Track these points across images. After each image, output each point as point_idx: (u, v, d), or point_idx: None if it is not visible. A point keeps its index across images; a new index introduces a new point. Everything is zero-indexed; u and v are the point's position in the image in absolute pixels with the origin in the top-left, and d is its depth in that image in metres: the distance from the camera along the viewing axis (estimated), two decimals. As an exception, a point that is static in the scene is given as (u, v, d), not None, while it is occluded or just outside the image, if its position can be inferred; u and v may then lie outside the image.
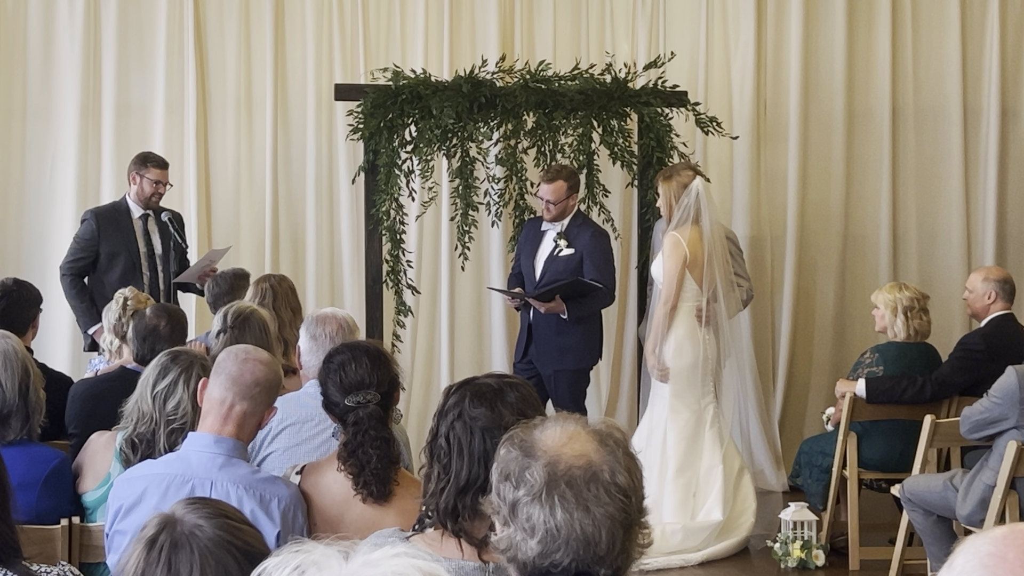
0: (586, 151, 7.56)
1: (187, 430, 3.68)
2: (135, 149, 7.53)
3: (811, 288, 8.76)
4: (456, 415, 2.67)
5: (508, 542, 2.08)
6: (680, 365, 6.70)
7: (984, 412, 5.51)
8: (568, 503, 2.03)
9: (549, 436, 2.10)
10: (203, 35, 8.22)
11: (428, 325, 8.42)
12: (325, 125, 8.34)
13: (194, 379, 3.96)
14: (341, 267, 8.36)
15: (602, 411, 8.32)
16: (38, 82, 8.10)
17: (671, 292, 6.67)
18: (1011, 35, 8.81)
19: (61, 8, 8.07)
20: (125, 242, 7.10)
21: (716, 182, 7.65)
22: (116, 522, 3.45)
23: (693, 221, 6.65)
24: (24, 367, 4.02)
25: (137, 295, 5.57)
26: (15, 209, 8.10)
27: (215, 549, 2.05)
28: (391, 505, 3.46)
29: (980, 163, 8.80)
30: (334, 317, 4.56)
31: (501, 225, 7.96)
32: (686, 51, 8.42)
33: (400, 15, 8.42)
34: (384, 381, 3.54)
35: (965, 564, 1.44)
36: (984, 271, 6.75)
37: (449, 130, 7.36)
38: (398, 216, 7.46)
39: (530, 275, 7.17)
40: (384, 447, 3.46)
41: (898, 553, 6.14)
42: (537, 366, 7.11)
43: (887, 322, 6.59)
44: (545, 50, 8.31)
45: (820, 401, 8.48)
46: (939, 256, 8.82)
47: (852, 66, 8.69)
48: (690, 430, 6.70)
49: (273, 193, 8.25)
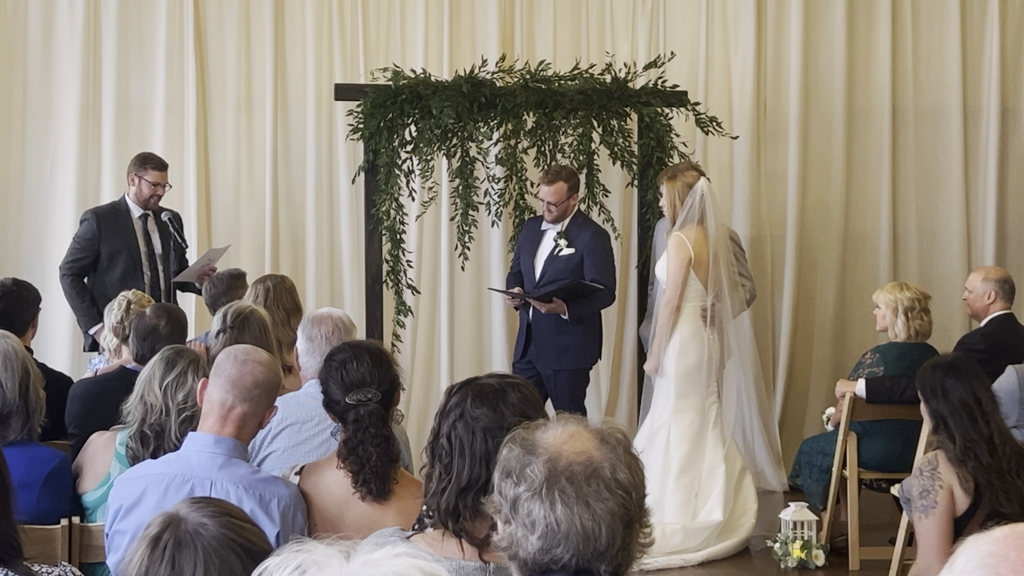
0: (586, 151, 7.56)
1: (197, 419, 3.67)
2: (135, 149, 7.53)
3: (811, 288, 8.76)
4: (458, 415, 2.67)
5: (509, 539, 2.09)
6: (685, 365, 6.69)
7: (984, 412, 5.51)
8: (568, 498, 2.04)
9: (550, 435, 2.11)
10: (203, 35, 8.22)
11: (428, 325, 8.42)
12: (325, 125, 8.34)
13: (200, 371, 3.98)
14: (341, 267, 8.36)
15: (602, 411, 8.32)
16: (38, 82, 8.10)
17: (674, 293, 6.67)
18: (1011, 35, 8.81)
19: (61, 8, 8.07)
20: (125, 242, 7.10)
21: (716, 182, 7.65)
22: (116, 522, 3.45)
23: (698, 222, 6.65)
24: (24, 367, 4.02)
25: (140, 298, 5.56)
26: (15, 209, 8.10)
27: (219, 548, 2.05)
28: (391, 505, 3.46)
29: (980, 163, 8.80)
30: (330, 317, 4.56)
31: (501, 225, 7.96)
32: (686, 51, 8.42)
33: (400, 15, 8.42)
34: (385, 380, 3.55)
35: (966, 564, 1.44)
36: (984, 271, 6.75)
37: (449, 130, 7.36)
38: (398, 216, 7.46)
39: (530, 275, 7.17)
40: (384, 445, 3.47)
41: (898, 553, 6.13)
42: (537, 366, 7.11)
43: (888, 322, 6.59)
44: (545, 50, 8.31)
45: (820, 401, 8.48)
46: (939, 256, 8.82)
47: (852, 66, 8.70)
48: (694, 431, 6.70)
49: (273, 193, 8.25)
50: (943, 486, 4.22)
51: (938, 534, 4.22)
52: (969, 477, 4.21)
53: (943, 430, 4.30)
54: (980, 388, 4.33)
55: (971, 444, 4.23)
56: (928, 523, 4.23)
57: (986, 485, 4.19)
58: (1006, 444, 4.23)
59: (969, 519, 4.21)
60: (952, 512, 4.23)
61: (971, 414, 4.27)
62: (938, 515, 4.22)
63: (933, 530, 4.22)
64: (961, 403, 4.29)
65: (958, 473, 4.22)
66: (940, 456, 4.27)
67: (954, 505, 4.23)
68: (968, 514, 4.22)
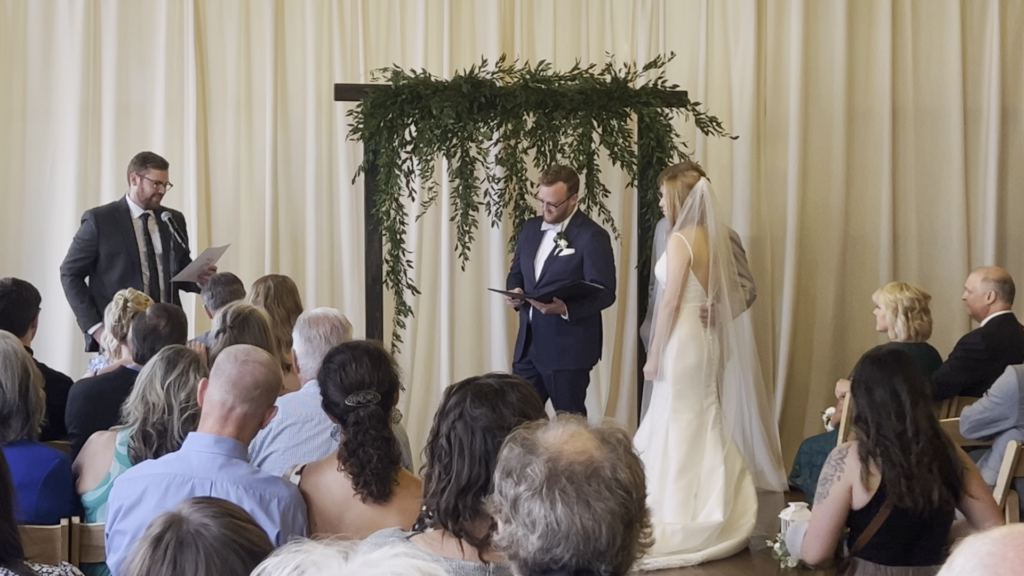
0: (586, 151, 7.56)
1: (199, 417, 3.68)
2: (135, 149, 7.53)
3: (811, 288, 8.76)
4: (457, 415, 2.67)
5: (510, 539, 2.09)
6: (683, 366, 6.69)
7: (984, 412, 5.52)
8: (568, 497, 2.04)
9: (551, 435, 2.12)
10: (203, 35, 8.22)
11: (428, 325, 8.42)
12: (325, 125, 8.34)
13: (200, 370, 3.99)
14: (341, 267, 8.36)
15: (602, 411, 8.32)
16: (38, 82, 8.10)
17: (674, 293, 6.67)
18: (1011, 35, 8.82)
19: (61, 8, 8.07)
20: (125, 242, 7.10)
21: (716, 182, 7.65)
22: (116, 522, 3.45)
23: (698, 222, 6.65)
24: (24, 367, 4.02)
25: (137, 296, 5.57)
26: (15, 209, 8.10)
27: (220, 548, 2.05)
28: (391, 505, 3.46)
29: (980, 163, 8.80)
30: (326, 317, 4.56)
31: (501, 225, 7.96)
32: (686, 51, 8.42)
33: (400, 15, 8.42)
34: (384, 381, 3.55)
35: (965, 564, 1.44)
36: (983, 271, 6.75)
37: (449, 130, 7.36)
38: (398, 216, 7.46)
39: (530, 275, 7.17)
40: (385, 446, 3.47)
41: (898, 553, 6.13)
42: (537, 366, 7.11)
43: (888, 322, 6.58)
44: (545, 50, 8.31)
45: (820, 401, 8.48)
46: (939, 256, 8.82)
47: (852, 66, 8.70)
48: (692, 431, 6.70)
49: (273, 193, 8.25)
50: (841, 478, 4.28)
51: (824, 522, 4.29)
52: (876, 473, 4.24)
53: (861, 423, 4.33)
54: (902, 383, 4.32)
55: (883, 440, 4.25)
56: (819, 509, 4.31)
57: (892, 483, 4.22)
58: (920, 439, 4.24)
59: (871, 514, 4.25)
60: (845, 505, 4.28)
61: (888, 411, 4.28)
62: (827, 505, 4.28)
63: (820, 517, 4.30)
64: (880, 399, 4.31)
65: (863, 469, 4.25)
66: (851, 449, 4.33)
67: (851, 499, 4.26)
68: (870, 508, 4.26)
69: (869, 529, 4.28)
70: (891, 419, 4.26)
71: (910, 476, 4.20)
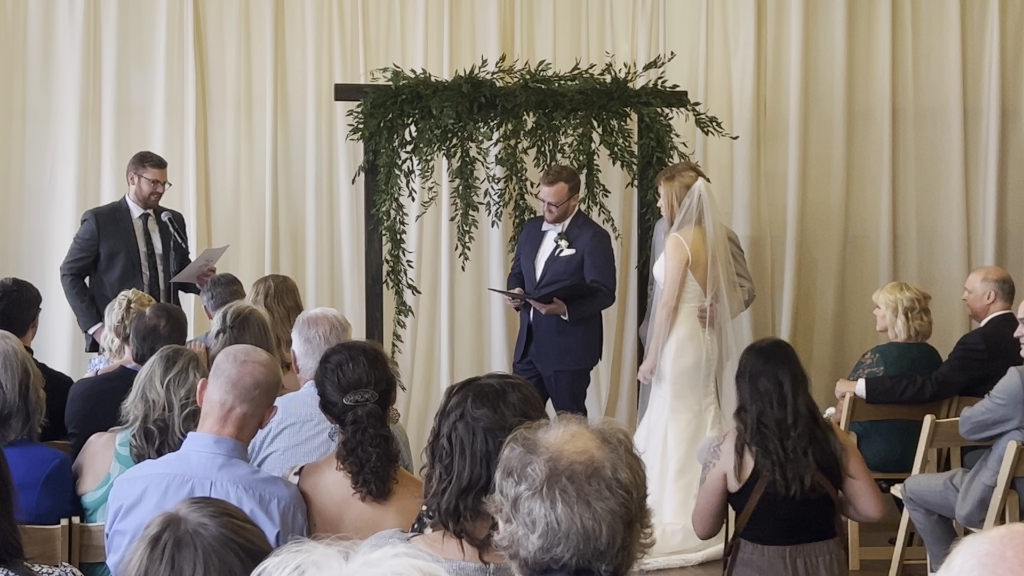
0: (586, 151, 7.55)
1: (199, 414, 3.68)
2: (135, 149, 7.52)
3: (811, 288, 8.76)
4: (458, 415, 2.67)
5: (510, 538, 2.09)
6: (682, 366, 6.69)
7: (986, 413, 5.51)
8: (569, 497, 2.04)
9: (552, 435, 2.12)
10: (203, 35, 8.22)
11: (428, 325, 8.42)
12: (325, 125, 8.34)
13: (199, 369, 4.00)
14: (341, 267, 8.36)
15: (602, 411, 8.32)
16: (38, 82, 8.10)
17: (671, 294, 6.67)
18: (1011, 35, 8.81)
19: (61, 8, 8.07)
20: (125, 242, 7.10)
21: (716, 182, 7.65)
22: (116, 522, 3.45)
23: (696, 223, 6.65)
24: (24, 367, 4.02)
25: (140, 297, 5.57)
26: (15, 209, 8.10)
27: (219, 548, 2.05)
28: (391, 504, 3.46)
29: (980, 163, 8.80)
30: (324, 317, 4.57)
31: (501, 225, 7.96)
32: (686, 51, 8.42)
33: (400, 15, 8.42)
34: (381, 380, 3.55)
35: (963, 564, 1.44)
36: (983, 271, 6.74)
37: (449, 130, 7.36)
38: (398, 216, 7.46)
39: (530, 275, 7.17)
40: (384, 445, 3.47)
41: (898, 553, 6.14)
42: (537, 366, 7.11)
43: (888, 322, 6.58)
44: (545, 50, 8.31)
45: (820, 401, 8.38)
46: (939, 256, 8.82)
47: (852, 66, 8.70)
48: (691, 431, 6.70)
49: (273, 193, 8.25)
50: (716, 465, 4.51)
51: (705, 503, 4.56)
52: (749, 464, 4.44)
53: (741, 413, 4.51)
54: (785, 372, 4.49)
55: (763, 429, 4.43)
56: (700, 493, 4.59)
57: (766, 471, 4.41)
58: (799, 426, 4.42)
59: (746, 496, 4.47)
60: (721, 490, 4.52)
61: (771, 399, 4.45)
62: (705, 490, 4.55)
63: (702, 499, 4.58)
64: (764, 388, 4.48)
65: (737, 459, 4.46)
66: (728, 438, 4.54)
67: (726, 484, 4.50)
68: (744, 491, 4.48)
69: (745, 511, 4.50)
70: (772, 407, 4.44)
71: (783, 463, 4.39)
